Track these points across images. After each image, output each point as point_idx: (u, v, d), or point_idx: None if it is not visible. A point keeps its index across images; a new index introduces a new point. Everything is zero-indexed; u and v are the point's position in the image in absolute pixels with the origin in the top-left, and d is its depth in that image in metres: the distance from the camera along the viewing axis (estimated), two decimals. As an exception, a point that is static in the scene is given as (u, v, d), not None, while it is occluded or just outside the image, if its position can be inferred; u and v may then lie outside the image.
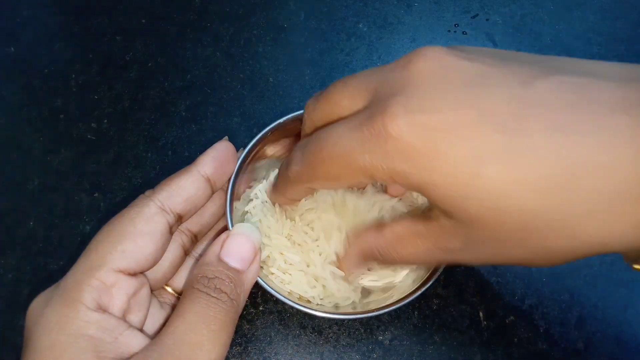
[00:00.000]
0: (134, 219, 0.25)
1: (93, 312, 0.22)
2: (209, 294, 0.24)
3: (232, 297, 0.24)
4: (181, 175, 0.27)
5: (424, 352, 0.33)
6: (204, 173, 0.27)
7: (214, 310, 0.23)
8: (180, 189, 0.26)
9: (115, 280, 0.24)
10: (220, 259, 0.25)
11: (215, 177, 0.28)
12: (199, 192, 0.27)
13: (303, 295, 0.31)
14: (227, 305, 0.24)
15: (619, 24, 0.48)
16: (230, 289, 0.24)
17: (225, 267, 0.25)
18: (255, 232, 0.27)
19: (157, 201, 0.26)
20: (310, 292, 0.30)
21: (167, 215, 0.26)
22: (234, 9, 0.48)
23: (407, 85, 0.21)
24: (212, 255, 0.26)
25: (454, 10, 0.49)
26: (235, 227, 0.27)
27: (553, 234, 0.19)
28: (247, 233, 0.27)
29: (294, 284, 0.30)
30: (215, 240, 0.26)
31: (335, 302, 0.31)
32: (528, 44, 0.47)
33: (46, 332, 0.22)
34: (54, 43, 0.46)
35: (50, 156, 0.40)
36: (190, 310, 0.23)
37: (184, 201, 0.26)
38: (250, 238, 0.27)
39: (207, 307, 0.23)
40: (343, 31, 0.47)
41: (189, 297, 0.24)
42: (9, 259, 0.36)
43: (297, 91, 0.44)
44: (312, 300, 0.30)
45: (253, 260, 0.26)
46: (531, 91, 0.19)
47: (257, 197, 0.33)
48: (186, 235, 0.28)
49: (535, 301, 0.34)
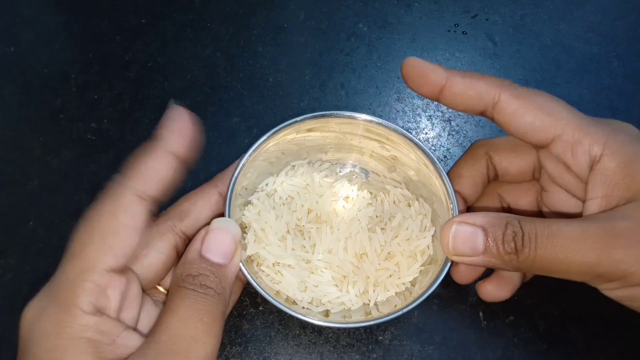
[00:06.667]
0: (114, 212, 0.24)
1: (90, 316, 0.22)
2: (196, 291, 0.24)
3: (218, 291, 0.24)
4: (148, 156, 0.25)
5: (424, 352, 0.33)
6: (170, 148, 0.25)
7: (204, 305, 0.24)
8: (152, 172, 0.25)
9: (109, 280, 0.23)
10: (202, 256, 0.25)
11: (181, 150, 0.26)
12: (169, 171, 0.25)
13: (291, 297, 0.30)
14: (216, 299, 0.24)
15: (619, 24, 0.48)
16: (215, 284, 0.25)
17: (208, 264, 0.25)
18: (233, 224, 0.27)
19: (131, 189, 0.25)
20: (299, 295, 0.30)
21: (145, 202, 0.25)
22: (234, 9, 0.48)
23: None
24: (194, 253, 0.26)
25: (454, 10, 0.49)
26: (213, 222, 0.27)
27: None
28: (225, 227, 0.27)
29: (284, 285, 0.30)
30: (195, 237, 0.26)
31: (325, 309, 0.30)
32: (528, 44, 0.47)
33: (44, 338, 0.22)
34: (54, 43, 0.46)
35: (50, 156, 0.40)
36: (181, 306, 0.23)
37: (157, 183, 0.25)
38: (229, 231, 0.26)
39: (197, 302, 0.23)
40: (343, 31, 0.47)
41: (177, 294, 0.24)
42: (9, 259, 0.36)
43: (297, 91, 0.44)
44: (299, 303, 0.30)
45: (234, 253, 0.26)
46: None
47: (263, 190, 0.34)
48: (180, 237, 0.28)
49: (535, 301, 0.34)
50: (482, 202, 0.34)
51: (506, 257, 0.26)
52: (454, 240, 0.27)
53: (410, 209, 0.33)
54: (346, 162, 0.36)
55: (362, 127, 0.33)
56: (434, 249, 0.31)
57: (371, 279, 0.31)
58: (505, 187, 0.34)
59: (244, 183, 0.32)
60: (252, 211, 0.32)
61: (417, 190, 0.34)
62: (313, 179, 0.34)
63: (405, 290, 0.31)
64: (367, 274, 0.31)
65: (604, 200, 0.27)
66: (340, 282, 0.31)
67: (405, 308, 0.27)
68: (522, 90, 0.29)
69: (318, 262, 0.31)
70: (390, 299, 0.31)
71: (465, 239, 0.27)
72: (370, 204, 0.34)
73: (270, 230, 0.31)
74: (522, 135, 0.29)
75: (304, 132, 0.33)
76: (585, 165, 0.28)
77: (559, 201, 0.32)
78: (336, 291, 0.30)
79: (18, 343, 0.23)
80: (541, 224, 0.26)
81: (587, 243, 0.25)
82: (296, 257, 0.31)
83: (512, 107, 0.28)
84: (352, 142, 0.34)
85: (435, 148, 0.41)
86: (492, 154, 0.32)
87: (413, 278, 0.31)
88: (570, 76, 0.45)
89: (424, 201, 0.33)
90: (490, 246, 0.26)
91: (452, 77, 0.29)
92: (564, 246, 0.25)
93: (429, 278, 0.29)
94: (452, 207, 0.30)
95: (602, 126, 0.28)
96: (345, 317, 0.30)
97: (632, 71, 0.45)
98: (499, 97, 0.28)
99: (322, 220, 0.33)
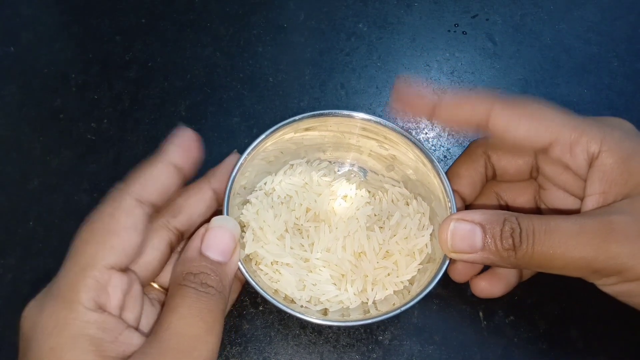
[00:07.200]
0: (114, 214, 0.25)
1: (92, 312, 0.22)
2: (197, 289, 0.24)
3: (219, 289, 0.25)
4: (150, 166, 0.27)
5: (424, 352, 0.33)
6: (171, 160, 0.27)
7: (205, 303, 0.24)
8: (152, 180, 0.26)
9: (109, 277, 0.24)
10: (202, 254, 0.26)
11: (182, 163, 0.28)
12: (169, 180, 0.27)
13: (289, 296, 0.30)
14: (217, 297, 0.24)
15: (619, 24, 0.48)
16: (216, 282, 0.25)
17: (209, 262, 0.25)
18: (232, 222, 0.27)
19: (132, 194, 0.26)
20: (298, 294, 0.30)
21: (144, 206, 0.26)
22: (234, 9, 0.48)
23: None
24: (194, 251, 0.26)
25: (454, 10, 0.49)
26: (212, 220, 0.27)
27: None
28: (225, 225, 0.27)
29: (282, 284, 0.30)
30: (195, 234, 0.27)
31: (324, 307, 0.30)
32: (528, 44, 0.47)
33: (45, 336, 0.22)
34: (54, 43, 0.46)
35: (50, 156, 0.40)
36: (183, 305, 0.23)
37: (156, 191, 0.26)
38: (229, 229, 0.27)
39: (198, 300, 0.24)
40: (343, 31, 0.47)
41: (178, 293, 0.24)
42: (9, 259, 0.36)
43: (297, 91, 0.44)
44: (298, 302, 0.30)
45: (233, 251, 0.27)
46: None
47: (262, 189, 0.34)
48: (173, 234, 0.28)
49: (535, 301, 0.34)
50: (480, 200, 0.34)
51: (504, 253, 0.26)
52: (453, 237, 0.27)
53: (409, 207, 0.33)
54: (344, 161, 0.36)
55: (360, 125, 0.33)
56: (432, 247, 0.31)
57: (369, 277, 0.31)
58: (503, 185, 0.34)
59: (243, 182, 0.32)
60: (250, 210, 0.32)
61: (415, 189, 0.34)
62: (311, 177, 0.34)
63: (404, 288, 0.31)
64: (365, 272, 0.31)
65: (602, 196, 0.27)
66: (338, 281, 0.31)
67: (404, 306, 0.27)
68: (513, 100, 0.29)
69: (316, 261, 0.31)
70: (388, 297, 0.31)
71: (463, 236, 0.27)
72: (368, 202, 0.34)
73: (269, 229, 0.31)
74: (520, 143, 0.29)
75: (302, 131, 0.33)
76: (584, 163, 0.28)
77: (557, 199, 0.32)
78: (334, 290, 0.30)
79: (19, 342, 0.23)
80: (538, 220, 0.26)
81: (584, 238, 0.25)
82: (294, 255, 0.31)
83: (505, 117, 0.28)
84: (350, 141, 0.34)
85: (435, 148, 0.41)
86: (491, 153, 0.33)
87: (411, 277, 0.31)
88: (570, 76, 0.45)
89: (422, 200, 0.33)
90: (488, 243, 0.26)
91: (442, 95, 0.30)
92: (562, 242, 0.25)
93: (427, 276, 0.29)
94: (450, 205, 0.30)
95: (598, 124, 0.28)
96: (343, 316, 0.30)
97: (632, 71, 0.45)
98: (492, 110, 0.29)
99: (321, 219, 0.33)
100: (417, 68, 0.46)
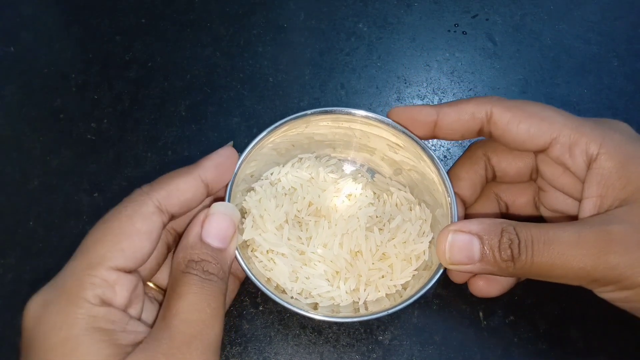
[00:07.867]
0: (132, 217, 0.25)
1: (98, 307, 0.23)
2: (200, 276, 0.25)
3: (220, 276, 0.25)
4: (181, 177, 0.27)
5: (424, 352, 0.33)
6: (204, 178, 0.27)
7: (210, 290, 0.24)
8: (178, 191, 0.26)
9: (117, 278, 0.24)
10: (203, 241, 0.26)
11: (214, 183, 0.28)
12: (196, 195, 0.27)
13: (281, 285, 0.30)
14: (219, 284, 0.25)
15: (619, 24, 0.48)
16: (217, 269, 0.25)
17: (209, 249, 0.26)
18: (232, 208, 0.27)
19: (155, 200, 0.26)
20: (289, 285, 0.30)
21: (163, 215, 0.26)
22: (234, 9, 0.48)
23: None
24: (194, 237, 0.26)
25: (454, 10, 0.49)
26: (212, 206, 0.27)
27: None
28: (225, 211, 0.27)
29: (275, 273, 0.30)
30: (194, 220, 0.27)
31: (314, 301, 0.30)
32: (528, 44, 0.47)
33: (53, 331, 0.22)
34: (54, 43, 0.46)
35: (50, 156, 0.40)
36: (189, 292, 0.24)
37: (180, 203, 0.26)
38: (229, 215, 0.27)
39: (203, 287, 0.24)
40: (343, 31, 0.47)
41: (183, 280, 0.24)
42: (9, 259, 0.36)
43: (297, 91, 0.44)
44: (289, 293, 0.30)
45: (232, 237, 0.27)
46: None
47: (268, 178, 0.34)
48: (171, 234, 0.29)
49: (535, 301, 0.34)
50: (480, 202, 0.34)
51: (503, 264, 0.26)
52: (451, 249, 0.27)
53: (411, 212, 0.33)
54: (354, 161, 0.36)
55: (375, 128, 0.33)
56: (429, 254, 0.31)
57: (363, 277, 0.31)
58: (502, 186, 0.34)
59: (251, 170, 0.32)
60: (253, 197, 0.32)
61: (420, 195, 0.34)
62: (318, 173, 0.35)
63: (396, 292, 0.31)
64: (359, 272, 0.31)
65: (599, 199, 0.27)
66: (332, 277, 0.31)
67: (396, 307, 0.28)
68: (512, 102, 0.29)
69: (312, 255, 0.31)
70: (380, 299, 0.31)
71: (461, 248, 0.27)
72: (371, 203, 0.34)
73: (269, 217, 0.31)
74: (520, 143, 0.29)
75: (315, 127, 0.33)
76: (583, 164, 0.28)
77: (556, 201, 0.32)
78: (327, 285, 0.31)
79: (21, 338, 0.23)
80: (537, 230, 0.26)
81: (583, 249, 0.25)
82: (291, 247, 0.31)
83: (505, 118, 0.29)
84: (362, 141, 0.35)
85: (436, 148, 0.41)
86: (491, 155, 0.33)
87: (405, 281, 0.31)
88: (570, 76, 0.45)
89: (425, 206, 0.33)
90: (486, 254, 0.26)
91: (441, 110, 0.30)
92: (561, 252, 0.25)
93: (421, 283, 0.29)
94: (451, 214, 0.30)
95: (597, 126, 0.28)
96: (333, 312, 0.30)
97: (632, 71, 0.45)
98: (492, 111, 0.29)
99: (322, 214, 0.33)
100: (417, 68, 0.46)
